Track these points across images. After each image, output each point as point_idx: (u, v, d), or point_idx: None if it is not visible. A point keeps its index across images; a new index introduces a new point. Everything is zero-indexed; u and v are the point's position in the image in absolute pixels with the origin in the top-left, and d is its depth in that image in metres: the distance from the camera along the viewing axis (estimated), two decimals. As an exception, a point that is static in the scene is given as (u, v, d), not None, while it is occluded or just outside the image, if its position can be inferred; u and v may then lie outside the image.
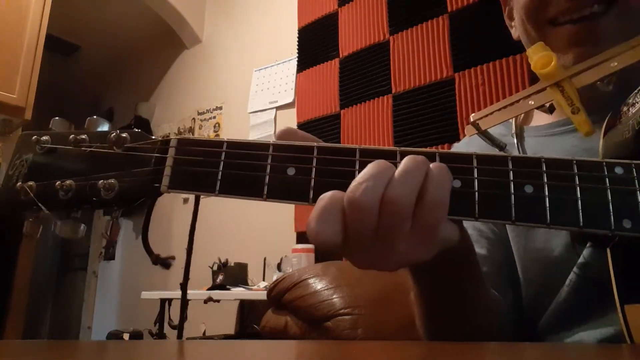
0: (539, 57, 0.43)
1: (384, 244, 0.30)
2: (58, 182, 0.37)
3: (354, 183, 0.30)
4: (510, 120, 0.61)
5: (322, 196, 0.31)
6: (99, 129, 0.40)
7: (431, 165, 0.31)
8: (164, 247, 2.94)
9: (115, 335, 2.83)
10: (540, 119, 0.60)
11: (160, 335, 2.25)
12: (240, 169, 0.32)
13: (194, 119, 3.22)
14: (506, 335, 0.51)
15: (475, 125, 0.48)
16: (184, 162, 0.35)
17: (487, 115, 0.48)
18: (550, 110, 0.44)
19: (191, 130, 3.19)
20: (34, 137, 0.39)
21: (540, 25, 0.55)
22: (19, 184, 0.37)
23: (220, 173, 0.34)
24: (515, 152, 0.54)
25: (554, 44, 0.51)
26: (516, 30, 0.63)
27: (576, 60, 0.51)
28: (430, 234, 0.31)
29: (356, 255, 0.32)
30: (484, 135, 0.49)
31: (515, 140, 0.58)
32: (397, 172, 0.30)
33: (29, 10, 2.26)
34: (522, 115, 0.62)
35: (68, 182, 0.36)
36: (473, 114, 0.48)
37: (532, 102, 0.44)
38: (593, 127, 0.40)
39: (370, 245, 0.31)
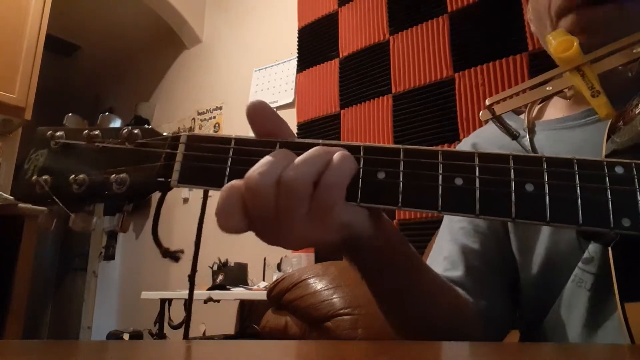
0: (559, 41, 0.41)
1: (284, 224, 0.32)
2: (72, 176, 0.38)
3: (250, 170, 0.32)
4: (522, 116, 0.60)
5: (223, 187, 0.32)
6: (111, 125, 0.41)
7: (335, 154, 0.32)
8: (165, 245, 2.94)
9: (115, 335, 2.84)
10: (552, 113, 0.60)
11: (160, 335, 2.26)
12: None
13: (193, 119, 3.22)
14: (480, 331, 0.50)
15: (490, 109, 0.47)
16: (193, 158, 0.36)
17: (502, 100, 0.46)
18: (568, 96, 0.44)
19: (191, 130, 3.19)
20: (49, 133, 0.40)
21: (549, 19, 0.55)
22: (34, 177, 0.38)
23: (228, 169, 0.35)
24: (526, 145, 0.54)
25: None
26: (533, 25, 0.63)
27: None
28: (326, 215, 0.32)
29: (262, 234, 0.34)
30: (498, 120, 0.48)
31: (527, 135, 0.58)
32: (297, 158, 0.32)
33: (29, 10, 2.26)
34: (535, 110, 0.61)
35: (81, 176, 0.37)
36: (488, 99, 0.47)
37: (550, 88, 0.43)
38: (613, 111, 0.39)
39: (272, 226, 0.32)
